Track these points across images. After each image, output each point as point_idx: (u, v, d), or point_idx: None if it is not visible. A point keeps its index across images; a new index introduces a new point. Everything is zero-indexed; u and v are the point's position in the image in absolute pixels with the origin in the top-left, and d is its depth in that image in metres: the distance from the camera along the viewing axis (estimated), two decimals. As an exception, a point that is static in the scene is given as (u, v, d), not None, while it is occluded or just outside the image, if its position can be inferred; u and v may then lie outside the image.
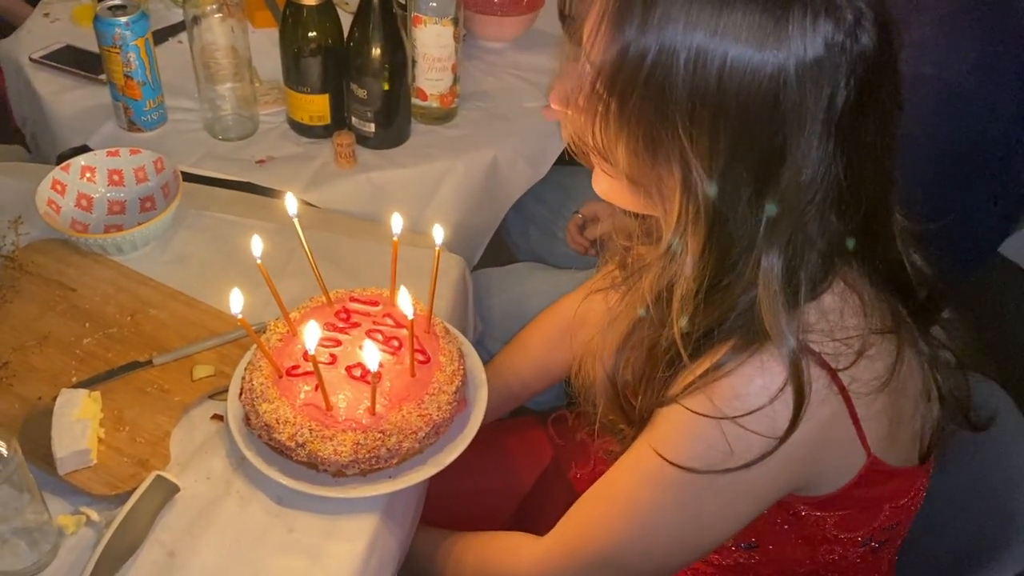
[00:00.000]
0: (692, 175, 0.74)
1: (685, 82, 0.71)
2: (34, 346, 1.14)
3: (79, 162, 1.35)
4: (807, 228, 0.75)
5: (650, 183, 0.79)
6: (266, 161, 1.51)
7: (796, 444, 0.79)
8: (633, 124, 0.75)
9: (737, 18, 0.69)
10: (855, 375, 0.79)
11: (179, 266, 1.29)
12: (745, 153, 0.73)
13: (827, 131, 0.72)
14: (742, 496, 0.84)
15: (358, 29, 1.44)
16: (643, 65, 0.71)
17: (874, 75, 0.72)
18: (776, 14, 0.69)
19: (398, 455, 1.01)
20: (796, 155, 0.72)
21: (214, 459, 1.05)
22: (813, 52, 0.69)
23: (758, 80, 0.70)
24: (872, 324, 0.80)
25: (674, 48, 0.70)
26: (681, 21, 0.70)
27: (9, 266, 1.24)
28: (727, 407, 0.78)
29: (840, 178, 0.74)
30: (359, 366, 1.05)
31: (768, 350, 0.77)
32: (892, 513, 0.91)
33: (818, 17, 0.69)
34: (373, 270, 1.26)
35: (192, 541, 0.98)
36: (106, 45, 1.45)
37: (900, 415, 0.85)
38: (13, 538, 0.93)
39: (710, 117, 0.72)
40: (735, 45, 0.69)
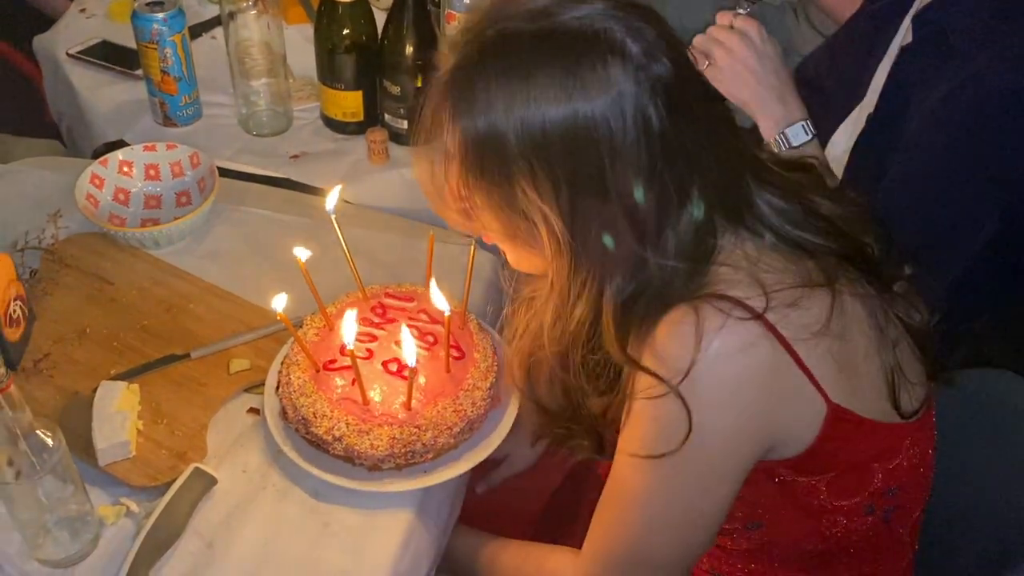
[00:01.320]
0: (549, 218, 0.84)
1: (516, 147, 0.81)
2: (74, 338, 1.16)
3: (117, 156, 1.37)
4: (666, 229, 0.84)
5: (520, 237, 0.89)
6: (299, 157, 1.52)
7: (745, 390, 0.84)
8: (489, 192, 0.85)
9: (543, 82, 0.79)
10: (786, 319, 0.83)
11: (214, 260, 1.30)
12: (584, 188, 0.82)
13: (647, 151, 0.81)
14: (719, 457, 0.87)
15: (392, 26, 1.45)
16: (479, 143, 0.82)
17: (679, 90, 0.82)
18: (571, 69, 0.79)
19: (433, 450, 1.02)
20: (623, 180, 0.81)
21: (251, 452, 1.06)
22: (610, 92, 0.79)
23: (574, 127, 0.80)
24: (793, 280, 0.85)
25: (499, 123, 0.81)
26: (499, 100, 0.80)
27: (49, 259, 1.26)
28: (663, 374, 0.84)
29: (682, 182, 0.83)
30: (395, 361, 1.06)
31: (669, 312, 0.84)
32: (887, 476, 0.92)
33: (606, 61, 0.79)
34: (406, 266, 1.27)
35: (229, 533, 0.99)
36: (143, 41, 1.47)
37: (853, 362, 0.88)
38: (56, 528, 0.94)
39: (546, 169, 0.81)
40: (548, 105, 0.79)
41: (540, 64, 0.79)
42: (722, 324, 0.81)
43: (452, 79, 0.83)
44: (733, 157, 0.89)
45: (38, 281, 1.23)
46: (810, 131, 1.25)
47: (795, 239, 0.88)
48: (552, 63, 0.79)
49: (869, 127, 1.30)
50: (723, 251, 0.87)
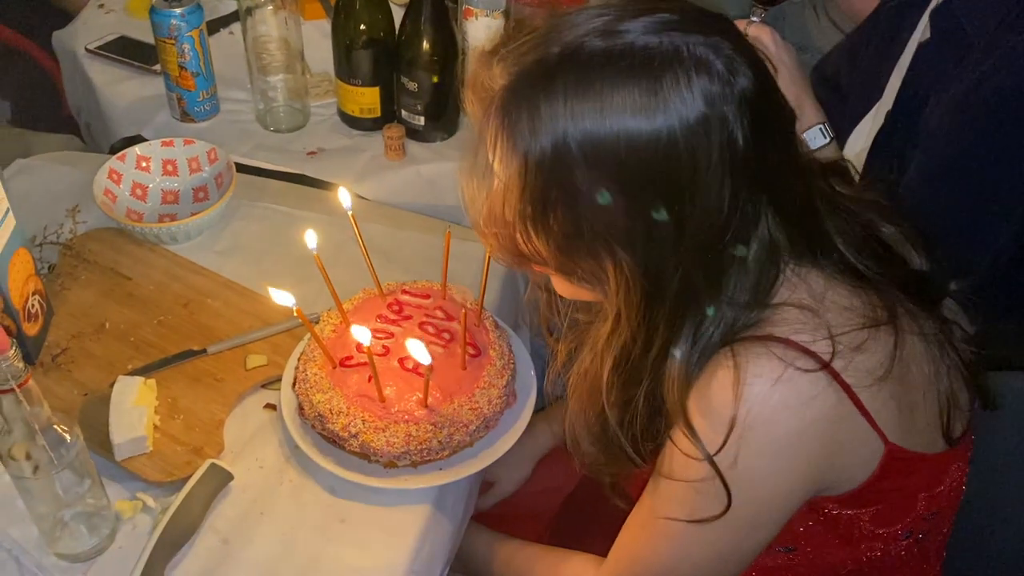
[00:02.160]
0: (618, 256, 0.78)
1: (587, 173, 0.74)
2: (91, 333, 1.16)
3: (135, 152, 1.37)
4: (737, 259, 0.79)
5: (583, 274, 0.83)
6: (316, 153, 1.52)
7: (804, 443, 0.80)
8: (552, 227, 0.78)
9: (618, 100, 0.72)
10: (850, 365, 0.80)
11: (231, 256, 1.30)
12: (658, 221, 0.76)
13: (730, 172, 0.75)
14: (763, 506, 0.85)
15: (409, 22, 1.45)
16: (544, 170, 0.75)
17: (761, 107, 0.76)
18: (652, 86, 0.72)
19: (449, 447, 1.02)
20: (704, 206, 0.76)
21: (267, 448, 1.06)
22: (696, 111, 0.73)
23: (652, 151, 0.73)
24: (858, 320, 0.82)
25: (567, 144, 0.73)
26: (566, 118, 0.73)
27: (67, 254, 1.27)
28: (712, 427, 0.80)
29: (757, 206, 0.79)
30: (411, 358, 1.05)
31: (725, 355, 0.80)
32: (929, 502, 0.90)
33: (691, 77, 0.73)
34: (423, 263, 1.27)
35: (246, 529, 0.99)
36: (161, 36, 1.47)
37: (912, 400, 0.85)
38: (73, 522, 0.94)
39: (619, 199, 0.75)
40: (623, 122, 0.73)
41: (618, 83, 0.72)
42: (781, 374, 0.77)
43: (508, 100, 0.76)
44: (806, 177, 0.84)
45: (56, 276, 1.24)
46: (828, 134, 1.24)
47: (859, 269, 0.84)
48: (630, 81, 0.72)
49: (887, 124, 1.29)
50: (786, 284, 0.82)
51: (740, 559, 0.89)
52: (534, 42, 0.76)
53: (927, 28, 1.25)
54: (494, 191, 0.80)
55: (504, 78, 0.77)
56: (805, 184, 0.84)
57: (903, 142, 1.23)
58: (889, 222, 0.92)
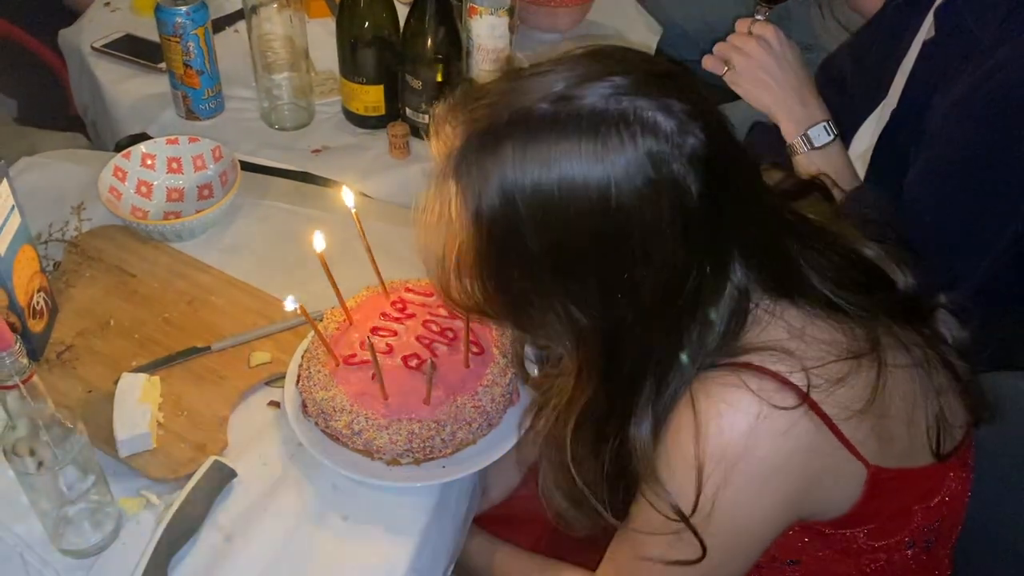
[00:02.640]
0: (572, 314, 0.78)
1: (536, 238, 0.75)
2: (96, 330, 1.17)
3: (140, 149, 1.37)
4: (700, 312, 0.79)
5: (537, 330, 0.84)
6: (321, 151, 1.52)
7: (782, 475, 0.80)
8: (505, 283, 0.79)
9: (564, 149, 0.72)
10: (831, 398, 0.79)
11: (236, 254, 1.30)
12: (616, 282, 0.76)
13: (685, 230, 0.75)
14: (743, 538, 0.85)
15: (414, 20, 1.45)
16: (493, 233, 0.76)
17: (716, 163, 0.75)
18: (598, 151, 0.72)
19: (452, 445, 1.02)
20: (660, 264, 0.76)
21: (270, 445, 1.07)
22: (641, 171, 0.73)
23: (604, 211, 0.73)
24: (838, 352, 0.81)
25: (517, 211, 0.74)
26: (516, 185, 0.74)
27: (72, 251, 1.27)
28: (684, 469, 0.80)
29: (723, 256, 0.79)
30: (415, 356, 1.05)
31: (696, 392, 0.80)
32: (926, 514, 0.90)
33: (636, 138, 0.73)
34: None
35: (248, 526, 0.99)
36: (167, 34, 1.47)
37: (895, 426, 0.85)
38: (77, 518, 0.95)
39: (573, 262, 0.76)
40: (573, 191, 0.73)
41: (564, 148, 0.73)
42: (757, 410, 0.77)
43: (461, 159, 0.77)
44: (772, 220, 0.84)
45: (61, 273, 1.24)
46: (832, 131, 1.24)
47: (837, 302, 0.84)
48: (578, 145, 0.73)
49: (892, 122, 1.29)
50: (759, 323, 0.82)
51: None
52: (487, 106, 0.77)
53: (932, 26, 1.25)
54: (448, 246, 0.81)
55: (458, 139, 0.77)
56: (772, 230, 0.84)
57: (908, 140, 1.23)
58: (873, 239, 0.91)
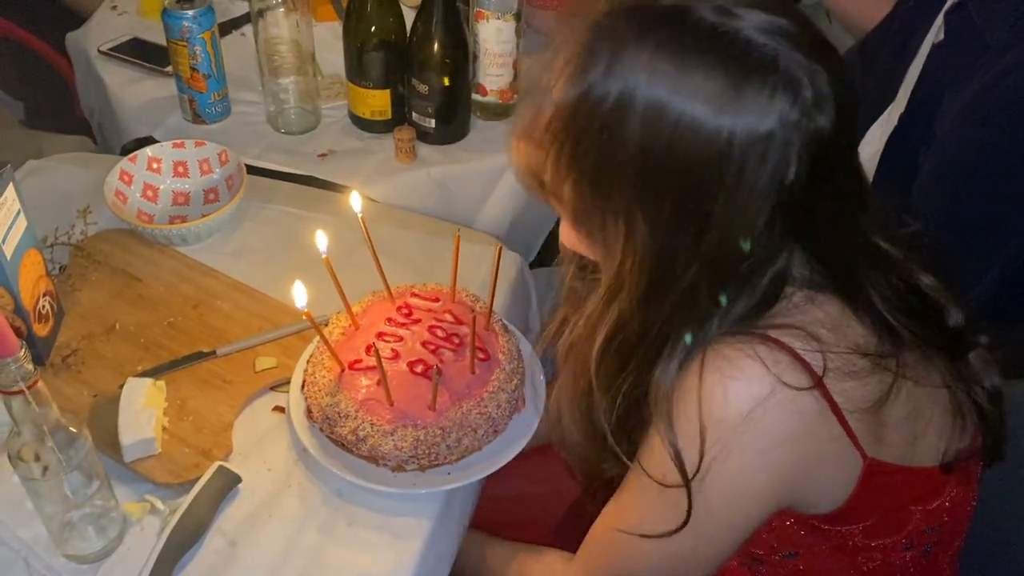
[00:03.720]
0: (636, 226, 0.76)
1: (638, 133, 0.72)
2: (102, 334, 1.17)
3: (146, 153, 1.37)
4: (749, 281, 0.78)
5: (594, 228, 0.81)
6: (327, 155, 1.52)
7: (779, 451, 0.79)
8: (583, 167, 0.77)
9: (698, 80, 0.70)
10: (841, 387, 0.79)
11: (241, 258, 1.30)
12: (686, 215, 0.75)
13: (773, 200, 0.73)
14: (727, 502, 0.83)
15: (420, 24, 1.45)
16: (600, 111, 0.73)
17: (829, 154, 0.74)
18: (736, 83, 0.70)
19: (457, 452, 1.01)
20: (727, 221, 0.74)
21: (275, 451, 1.06)
22: (765, 126, 0.71)
23: (707, 143, 0.71)
24: (862, 348, 0.80)
25: (633, 98, 0.72)
26: (644, 73, 0.71)
27: (78, 255, 1.27)
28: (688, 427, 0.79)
29: (789, 242, 0.77)
30: (420, 362, 1.05)
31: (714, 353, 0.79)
32: (926, 516, 0.89)
33: (776, 93, 0.71)
34: (432, 265, 1.26)
35: (253, 532, 0.99)
36: (173, 38, 1.47)
37: (894, 430, 0.84)
38: (81, 524, 0.94)
39: (657, 171, 0.73)
40: (692, 105, 0.71)
41: (705, 61, 0.70)
42: (769, 386, 0.76)
43: (600, 26, 0.73)
44: (855, 235, 0.82)
45: (67, 277, 1.24)
46: None
47: (885, 318, 0.83)
48: (716, 66, 0.70)
49: (901, 126, 1.29)
50: (793, 305, 0.80)
51: (698, 565, 0.88)
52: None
53: (941, 29, 1.25)
54: (543, 107, 0.78)
55: (607, 3, 0.74)
56: (849, 242, 0.82)
57: (917, 144, 1.23)
58: (927, 272, 0.90)
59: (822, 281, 0.81)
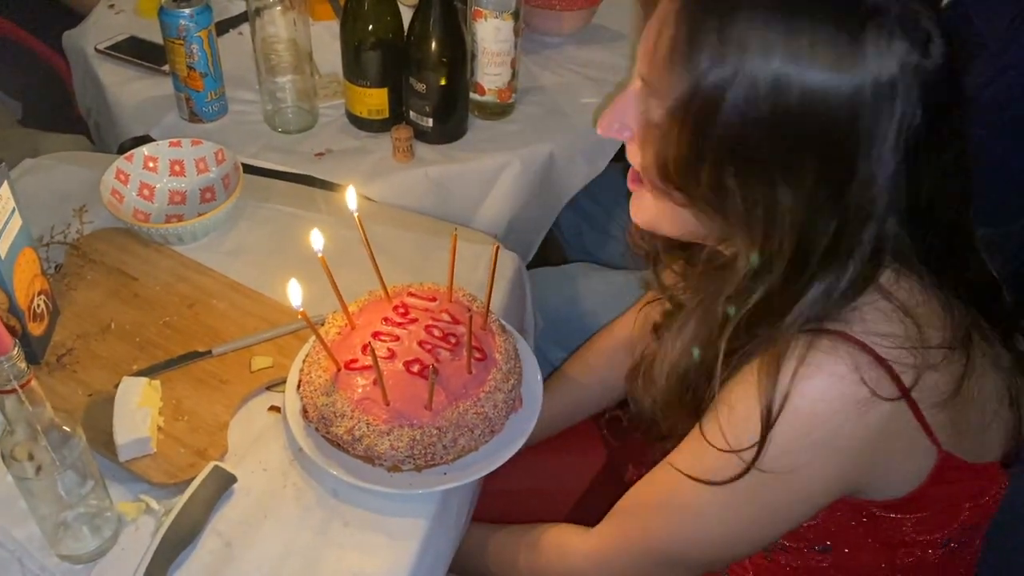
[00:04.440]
0: (780, 197, 0.74)
1: (767, 112, 0.70)
2: (97, 333, 1.16)
3: (142, 152, 1.37)
4: (873, 241, 0.76)
5: (732, 211, 0.78)
6: (324, 154, 1.52)
7: (858, 447, 0.79)
8: (714, 156, 0.74)
9: (813, 40, 0.68)
10: (921, 381, 0.78)
11: (238, 257, 1.30)
12: (828, 177, 0.73)
13: (899, 148, 0.72)
14: (792, 495, 0.83)
15: (418, 23, 1.44)
16: (722, 99, 0.71)
17: (944, 94, 0.73)
18: (852, 34, 0.69)
19: (454, 452, 1.01)
20: (868, 172, 0.72)
21: (271, 451, 1.06)
22: (888, 72, 0.69)
23: (837, 104, 0.70)
24: (939, 337, 0.79)
25: (753, 78, 0.70)
26: (757, 49, 0.69)
27: (74, 254, 1.27)
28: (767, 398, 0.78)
29: (910, 193, 0.75)
30: (417, 361, 1.05)
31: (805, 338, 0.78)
32: (973, 512, 0.89)
33: (893, 37, 0.69)
34: (430, 265, 1.26)
35: (248, 532, 0.98)
36: (170, 37, 1.47)
37: (972, 420, 0.84)
38: (76, 523, 0.94)
39: (793, 143, 0.72)
40: (813, 68, 0.69)
41: (817, 19, 0.68)
42: (856, 393, 0.75)
43: (701, 4, 0.71)
44: (965, 189, 0.81)
45: (63, 276, 1.23)
46: None
47: (953, 289, 0.82)
48: (830, 22, 0.68)
49: None
50: (880, 290, 0.79)
51: (758, 544, 0.88)
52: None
53: None
54: (655, 100, 0.76)
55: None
56: (958, 200, 0.80)
57: None
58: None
59: (909, 251, 0.79)
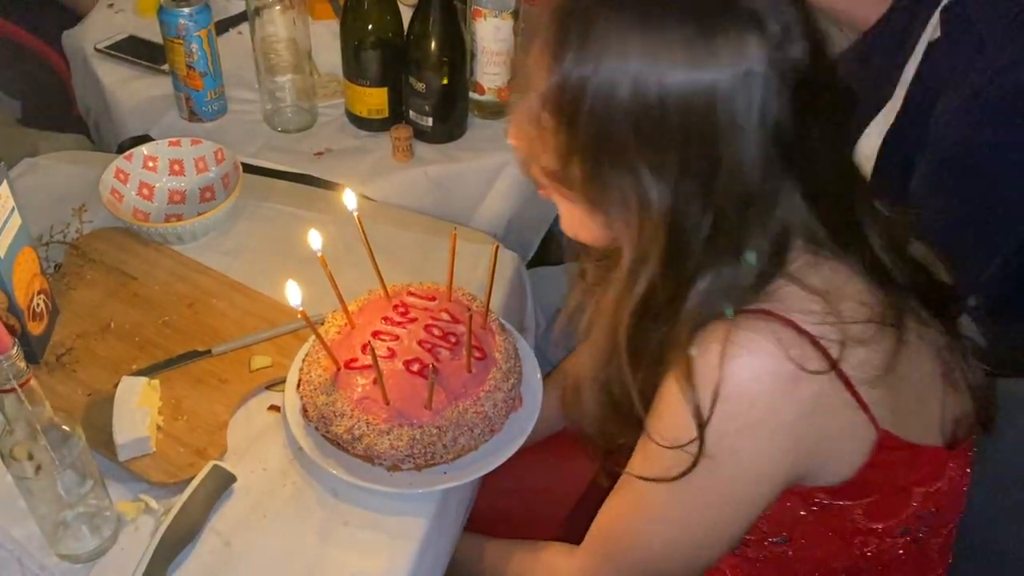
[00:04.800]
0: (648, 189, 0.77)
1: (627, 105, 0.74)
2: (96, 333, 1.16)
3: (142, 151, 1.37)
4: (768, 228, 0.79)
5: (609, 205, 0.82)
6: (324, 154, 1.52)
7: (796, 425, 0.80)
8: (583, 148, 0.78)
9: (668, 40, 0.72)
10: (851, 356, 0.79)
11: (237, 256, 1.30)
12: (691, 166, 0.76)
13: (765, 139, 0.75)
14: (743, 481, 0.84)
15: (418, 23, 1.44)
16: (585, 93, 0.75)
17: (811, 78, 0.75)
18: (704, 32, 0.72)
19: (453, 451, 1.01)
20: (734, 163, 0.75)
21: (271, 450, 1.06)
22: (742, 67, 0.73)
23: (695, 97, 0.73)
24: (867, 315, 0.81)
25: (613, 75, 0.74)
26: (616, 49, 0.73)
27: (73, 253, 1.26)
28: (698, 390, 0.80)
29: (798, 179, 0.78)
30: (416, 360, 1.05)
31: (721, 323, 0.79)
32: (926, 499, 0.89)
33: (744, 33, 0.73)
34: (429, 264, 1.26)
35: (248, 531, 0.98)
36: (170, 36, 1.47)
37: (908, 399, 0.85)
38: (75, 523, 0.94)
39: (655, 135, 0.75)
40: (670, 66, 0.73)
41: (671, 17, 0.72)
42: (782, 368, 0.77)
43: (567, 10, 0.75)
44: (848, 175, 0.84)
45: (62, 275, 1.23)
46: None
47: (887, 268, 0.84)
48: (683, 19, 0.72)
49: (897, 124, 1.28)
50: (800, 269, 0.81)
51: (722, 543, 0.88)
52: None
53: (938, 27, 1.24)
54: (531, 98, 0.80)
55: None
56: (846, 178, 0.83)
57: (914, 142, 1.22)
58: (918, 239, 0.91)
59: (822, 235, 0.82)
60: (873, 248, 0.84)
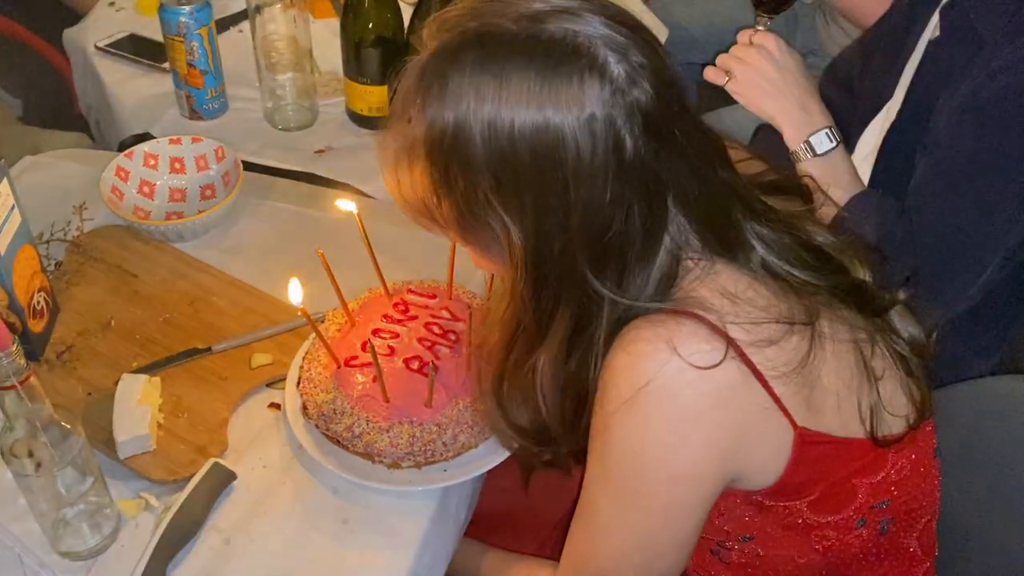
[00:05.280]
0: (509, 226, 0.81)
1: (483, 149, 0.78)
2: (97, 330, 1.16)
3: (142, 149, 1.37)
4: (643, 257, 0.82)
5: (480, 240, 0.86)
6: (324, 151, 1.52)
7: (714, 420, 0.81)
8: (450, 187, 0.82)
9: (515, 86, 0.76)
10: (761, 353, 0.81)
11: (238, 254, 1.30)
12: (547, 206, 0.79)
13: (616, 173, 0.78)
14: (676, 483, 0.84)
15: (418, 20, 1.44)
16: (445, 138, 0.79)
17: (658, 117, 0.79)
18: (546, 78, 0.76)
19: (453, 448, 1.01)
20: (586, 204, 0.79)
21: (271, 447, 1.06)
22: (582, 110, 0.76)
23: (541, 139, 0.77)
24: (775, 315, 0.83)
25: (467, 120, 0.78)
26: (470, 95, 0.77)
27: (74, 251, 1.27)
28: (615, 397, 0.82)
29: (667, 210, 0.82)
30: (417, 358, 1.05)
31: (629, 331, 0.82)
32: (871, 490, 0.90)
33: (583, 77, 0.76)
34: (429, 262, 1.26)
35: (248, 529, 0.98)
36: (170, 34, 1.47)
37: (820, 391, 0.85)
38: (75, 520, 0.94)
39: (512, 178, 0.79)
40: (518, 111, 0.76)
41: (516, 67, 0.76)
42: (682, 362, 0.79)
43: (426, 66, 0.80)
44: (720, 187, 0.86)
45: (63, 273, 1.24)
46: (835, 138, 1.24)
47: (781, 274, 0.86)
48: (528, 68, 0.76)
49: (897, 124, 1.28)
50: (696, 279, 0.84)
51: (672, 551, 0.88)
52: (462, 17, 0.80)
53: (937, 26, 1.24)
54: (402, 146, 0.84)
55: (430, 43, 0.81)
56: (717, 192, 0.86)
57: (913, 141, 1.22)
58: (829, 232, 0.94)
59: (714, 246, 0.85)
60: (761, 254, 0.86)
